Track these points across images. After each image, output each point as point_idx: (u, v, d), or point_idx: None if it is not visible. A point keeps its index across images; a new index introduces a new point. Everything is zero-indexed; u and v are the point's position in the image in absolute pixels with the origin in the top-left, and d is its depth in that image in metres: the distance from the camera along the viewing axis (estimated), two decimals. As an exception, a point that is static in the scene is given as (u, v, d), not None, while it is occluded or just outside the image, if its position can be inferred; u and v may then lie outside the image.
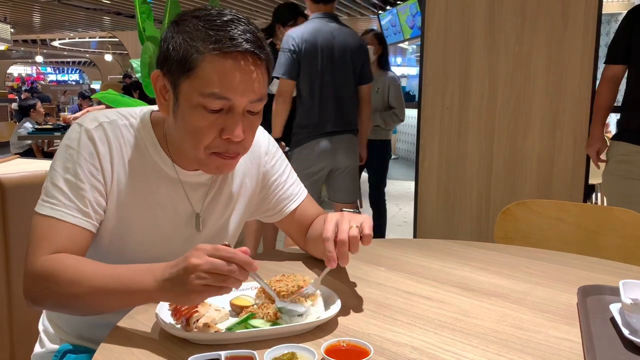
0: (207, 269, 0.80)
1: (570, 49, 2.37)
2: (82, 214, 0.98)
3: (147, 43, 2.80)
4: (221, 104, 0.95)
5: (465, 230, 2.63)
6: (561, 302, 1.03)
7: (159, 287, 0.85)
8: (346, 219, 0.98)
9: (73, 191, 0.98)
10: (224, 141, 0.98)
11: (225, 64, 0.93)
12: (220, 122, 0.97)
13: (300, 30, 2.89)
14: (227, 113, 0.97)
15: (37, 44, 18.61)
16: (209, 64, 0.93)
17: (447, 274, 1.18)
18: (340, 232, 0.95)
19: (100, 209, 1.01)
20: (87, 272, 0.90)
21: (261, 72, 0.97)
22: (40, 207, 0.98)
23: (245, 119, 0.98)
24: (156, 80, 1.01)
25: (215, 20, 0.94)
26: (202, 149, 0.99)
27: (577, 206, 1.67)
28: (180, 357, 0.81)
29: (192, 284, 0.81)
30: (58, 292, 0.91)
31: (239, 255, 0.81)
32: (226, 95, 0.94)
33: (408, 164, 9.60)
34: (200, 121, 0.96)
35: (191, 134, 0.98)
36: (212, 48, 0.93)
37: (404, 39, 9.66)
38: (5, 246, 1.29)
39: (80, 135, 1.01)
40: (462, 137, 2.59)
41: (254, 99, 0.97)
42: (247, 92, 0.96)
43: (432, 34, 2.60)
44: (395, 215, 5.68)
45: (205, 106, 0.95)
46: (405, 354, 0.83)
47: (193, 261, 0.80)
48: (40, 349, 1.16)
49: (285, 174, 1.26)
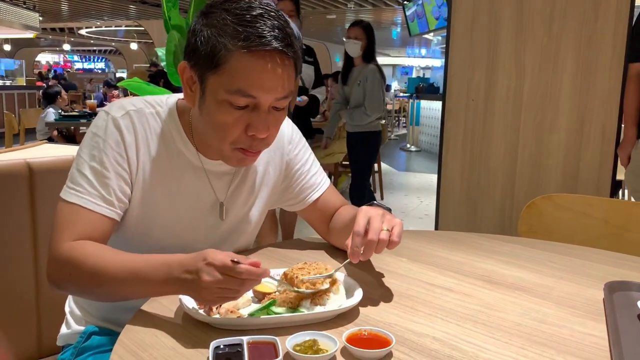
0: (219, 286, 0.81)
1: (601, 40, 2.32)
2: (105, 202, 0.99)
3: (173, 32, 2.82)
4: (247, 101, 0.96)
5: (488, 224, 2.60)
6: (586, 298, 1.02)
7: (173, 284, 0.86)
8: (380, 217, 0.98)
9: (98, 179, 0.99)
10: (248, 137, 0.99)
11: (253, 62, 0.93)
12: (246, 119, 0.97)
13: None
14: (253, 110, 0.97)
15: (64, 32, 18.88)
16: (236, 61, 0.93)
17: (470, 267, 1.17)
18: (372, 231, 0.95)
19: (125, 197, 1.03)
20: (106, 262, 0.92)
21: (289, 70, 0.97)
22: (65, 194, 0.99)
23: (271, 115, 0.99)
24: (183, 71, 1.01)
25: (245, 15, 0.93)
26: (227, 144, 1.00)
27: (604, 201, 1.64)
28: (203, 341, 0.82)
29: (203, 296, 0.84)
30: (79, 280, 0.94)
31: (249, 271, 0.81)
32: (252, 94, 0.95)
33: (430, 156, 9.53)
34: (226, 117, 0.97)
35: (216, 129, 0.99)
36: (240, 46, 0.92)
37: (429, 30, 9.55)
38: (34, 229, 1.32)
39: (107, 123, 1.02)
40: (487, 129, 2.56)
41: (279, 96, 0.97)
42: (273, 91, 0.96)
43: (458, 24, 2.56)
44: (416, 207, 5.65)
45: (231, 102, 0.95)
46: (426, 344, 0.82)
47: (205, 278, 0.81)
48: (66, 330, 1.19)
49: (308, 163, 1.26)
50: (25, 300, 1.33)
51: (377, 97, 3.98)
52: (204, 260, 0.82)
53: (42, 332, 1.37)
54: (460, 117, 2.60)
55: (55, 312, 1.29)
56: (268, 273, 0.84)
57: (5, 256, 1.29)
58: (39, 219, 1.32)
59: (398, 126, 15.90)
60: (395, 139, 12.79)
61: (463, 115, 2.59)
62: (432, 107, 9.88)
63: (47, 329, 1.36)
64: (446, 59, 2.63)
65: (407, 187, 6.88)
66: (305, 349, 0.76)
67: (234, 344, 0.78)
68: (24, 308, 1.34)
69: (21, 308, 1.33)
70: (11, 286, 1.31)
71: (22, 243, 1.31)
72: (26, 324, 1.35)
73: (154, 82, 5.43)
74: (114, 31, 18.70)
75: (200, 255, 0.83)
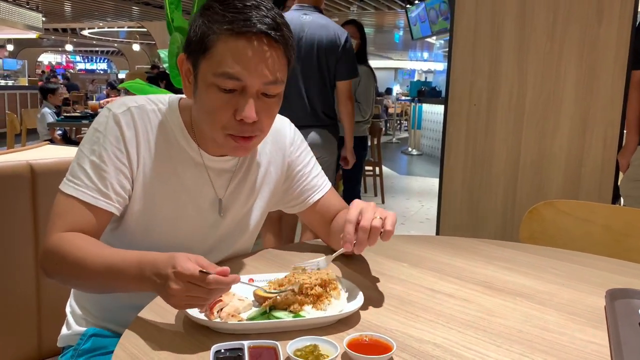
0: (186, 294, 0.81)
1: (604, 46, 2.32)
2: (102, 195, 1.01)
3: (175, 33, 2.82)
4: (233, 84, 0.96)
5: (490, 230, 2.59)
6: (588, 305, 1.01)
7: (145, 282, 0.86)
8: (372, 208, 0.98)
9: (96, 173, 1.01)
10: (238, 122, 0.99)
11: (237, 44, 0.95)
12: (234, 103, 0.98)
13: None
14: (241, 94, 0.98)
15: (67, 32, 18.92)
16: (222, 43, 0.95)
17: (471, 272, 1.17)
18: (364, 219, 0.95)
19: (124, 192, 1.04)
20: (88, 255, 0.93)
21: (276, 55, 0.97)
22: (64, 186, 1.02)
23: (260, 101, 0.99)
24: (182, 63, 1.04)
25: (236, 4, 0.96)
26: (218, 130, 1.01)
27: (606, 208, 1.64)
28: (204, 345, 0.81)
29: (171, 302, 0.83)
30: (64, 271, 0.97)
31: (217, 281, 0.80)
32: (238, 76, 0.96)
33: (432, 160, 9.53)
34: (214, 100, 0.98)
35: (207, 113, 1.01)
36: (226, 29, 0.95)
37: (431, 33, 9.56)
38: (35, 230, 1.32)
39: (108, 119, 1.04)
40: (489, 134, 2.56)
41: (266, 80, 0.97)
42: (258, 74, 0.96)
43: (461, 28, 2.57)
44: (417, 212, 5.65)
45: (218, 86, 0.97)
46: (427, 350, 0.82)
47: (172, 287, 0.81)
48: (67, 331, 1.18)
49: (309, 165, 1.27)
50: (26, 301, 1.33)
51: (370, 98, 3.96)
52: (172, 267, 0.81)
53: (43, 333, 1.37)
54: (462, 122, 2.60)
55: (56, 313, 1.29)
56: (237, 280, 0.83)
57: (7, 257, 1.29)
58: (40, 220, 1.32)
59: (400, 130, 15.91)
60: (396, 143, 12.79)
61: (465, 120, 2.59)
62: (434, 111, 9.88)
63: (48, 330, 1.36)
64: (449, 64, 2.63)
65: (408, 190, 6.88)
66: (306, 354, 0.76)
67: (235, 348, 0.77)
68: (24, 309, 1.33)
69: (22, 309, 1.33)
70: (12, 287, 1.31)
71: (24, 244, 1.31)
72: (27, 325, 1.34)
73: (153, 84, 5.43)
74: (117, 32, 18.74)
75: (171, 261, 0.82)
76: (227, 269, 0.82)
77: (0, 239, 1.27)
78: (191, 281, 0.80)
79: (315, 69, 2.90)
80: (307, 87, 2.91)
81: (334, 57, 2.92)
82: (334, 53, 2.91)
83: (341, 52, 2.93)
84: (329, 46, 2.89)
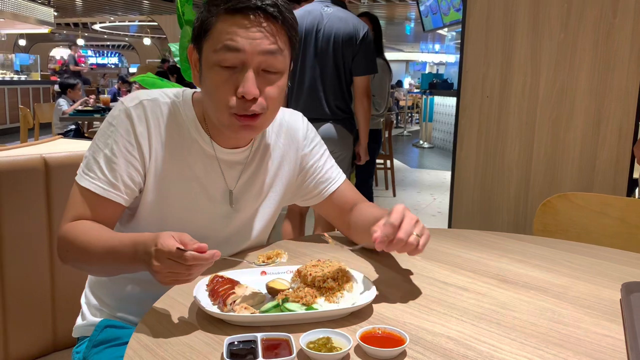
0: (168, 271, 0.83)
1: (619, 37, 2.28)
2: (111, 186, 1.04)
3: (186, 27, 2.82)
4: (233, 58, 0.97)
5: (503, 223, 2.58)
6: (603, 298, 1.00)
7: (139, 263, 0.88)
8: (414, 220, 0.97)
9: (107, 165, 1.04)
10: (241, 100, 0.99)
11: (234, 18, 0.97)
12: (235, 79, 0.99)
13: None
14: (241, 70, 0.99)
15: (78, 27, 19.01)
16: (220, 22, 0.98)
17: (485, 265, 1.17)
18: (403, 230, 0.94)
19: (133, 184, 1.06)
20: (91, 239, 0.97)
21: (274, 28, 0.99)
22: (78, 177, 1.06)
23: (262, 77, 1.00)
24: (191, 53, 1.06)
25: None
26: (223, 110, 1.01)
27: (621, 200, 1.62)
28: (216, 337, 0.82)
29: (157, 278, 0.86)
30: (73, 256, 1.01)
31: (194, 257, 0.82)
32: (234, 46, 0.97)
33: (444, 153, 9.48)
34: (216, 79, 1.00)
35: (211, 95, 1.02)
36: (222, 8, 0.98)
37: (443, 25, 9.48)
38: (49, 223, 1.33)
39: (120, 112, 1.07)
40: (501, 126, 2.53)
41: (265, 48, 0.98)
42: (256, 44, 0.97)
43: (473, 19, 2.54)
44: (429, 205, 5.63)
45: (219, 64, 0.98)
46: (440, 343, 0.82)
47: (154, 264, 0.84)
48: (82, 322, 1.20)
49: (323, 158, 1.27)
50: (41, 292, 1.35)
51: (385, 92, 3.93)
52: (155, 245, 0.84)
53: (58, 324, 1.38)
54: (475, 114, 2.58)
55: (71, 304, 1.31)
56: (218, 256, 0.84)
57: (22, 249, 1.30)
58: (54, 213, 1.33)
59: (411, 122, 15.83)
60: (408, 136, 12.74)
61: (477, 112, 2.57)
62: (445, 104, 9.82)
63: (63, 322, 1.37)
64: (461, 55, 2.61)
65: (419, 184, 6.86)
66: (319, 347, 0.76)
67: (248, 340, 0.78)
68: (39, 301, 1.35)
69: (37, 301, 1.35)
70: (27, 279, 1.32)
71: (39, 236, 1.33)
72: (42, 316, 1.36)
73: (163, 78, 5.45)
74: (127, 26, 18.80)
75: (154, 239, 0.85)
76: (205, 245, 0.83)
77: (16, 232, 1.28)
78: (170, 257, 0.82)
79: (330, 61, 2.89)
80: (322, 80, 2.90)
81: (351, 51, 2.89)
82: (351, 47, 2.89)
83: (358, 47, 2.90)
84: (346, 39, 2.87)
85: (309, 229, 3.88)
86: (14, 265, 1.29)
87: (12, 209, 1.27)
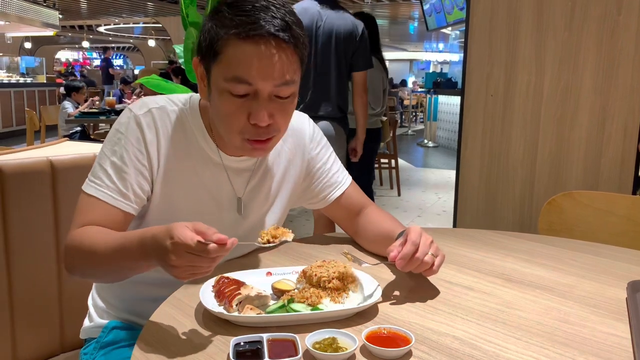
0: (188, 264, 0.81)
1: (623, 35, 2.27)
2: (122, 196, 1.02)
3: (190, 29, 2.83)
4: (244, 89, 0.96)
5: (508, 222, 2.57)
6: (609, 297, 1.00)
7: (150, 259, 0.86)
8: (429, 241, 1.00)
9: (117, 174, 1.02)
10: (253, 126, 0.99)
11: (246, 48, 0.94)
12: (247, 107, 0.97)
13: None
14: (253, 98, 0.97)
15: (83, 29, 19.08)
16: (231, 49, 0.95)
17: (489, 265, 1.17)
18: (420, 251, 0.97)
19: (143, 193, 1.05)
20: (98, 242, 0.94)
21: (286, 56, 0.96)
22: (86, 186, 1.03)
23: (274, 102, 0.98)
24: (197, 67, 1.03)
25: (244, 6, 0.95)
26: (235, 134, 1.00)
27: (626, 198, 1.61)
28: (223, 338, 0.82)
29: (174, 274, 0.83)
30: (81, 262, 0.98)
31: (217, 250, 0.80)
32: (247, 80, 0.95)
33: (448, 152, 9.46)
34: (228, 106, 0.98)
35: (222, 119, 1.01)
36: (233, 33, 0.94)
37: (446, 24, 9.47)
38: (56, 225, 1.34)
39: (129, 120, 1.05)
40: (506, 125, 2.53)
41: (277, 83, 0.96)
42: (268, 77, 0.95)
43: (477, 18, 2.54)
44: (434, 204, 5.62)
45: (230, 91, 0.96)
46: (446, 343, 0.82)
47: (173, 259, 0.80)
48: (89, 324, 1.21)
49: (329, 161, 1.27)
50: (48, 294, 1.36)
51: (379, 91, 3.88)
52: (170, 238, 0.80)
53: (65, 326, 1.39)
54: (479, 113, 2.58)
55: (78, 306, 1.31)
56: (236, 242, 0.82)
57: (29, 251, 1.31)
58: (61, 215, 1.34)
59: (415, 122, 15.81)
60: (412, 135, 12.72)
61: (482, 111, 2.57)
62: (449, 102, 9.80)
63: (70, 323, 1.38)
64: (465, 54, 2.60)
65: (424, 183, 6.85)
66: (324, 347, 0.77)
67: (254, 341, 0.78)
68: (47, 302, 1.36)
69: (44, 302, 1.36)
70: (35, 281, 1.33)
71: (46, 239, 1.34)
72: (49, 318, 1.37)
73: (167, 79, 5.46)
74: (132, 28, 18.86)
75: (168, 232, 0.81)
76: (225, 237, 0.81)
77: (23, 234, 1.29)
78: (190, 251, 0.79)
79: (332, 59, 2.89)
80: (323, 78, 2.90)
81: (352, 48, 2.91)
82: (352, 43, 2.90)
83: (358, 43, 2.92)
84: (347, 36, 2.88)
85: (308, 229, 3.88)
86: (21, 267, 1.29)
87: (19, 211, 1.28)
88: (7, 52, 14.47)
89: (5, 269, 1.27)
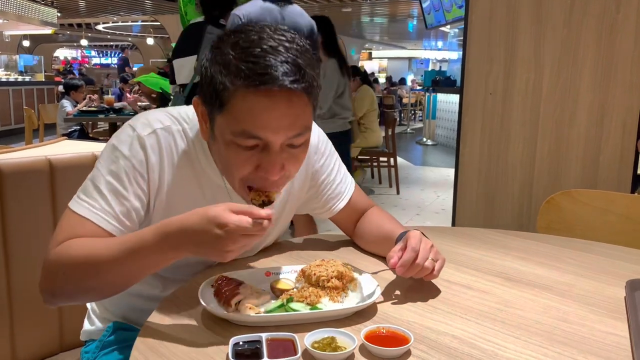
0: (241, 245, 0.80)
1: (622, 32, 2.27)
2: (117, 221, 0.94)
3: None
4: (254, 142, 0.89)
5: (506, 220, 2.57)
6: (607, 296, 1.00)
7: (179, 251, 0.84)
8: (429, 246, 1.00)
9: (114, 196, 0.94)
10: (260, 176, 0.92)
11: (255, 101, 0.86)
12: (256, 159, 0.91)
13: (246, 9, 2.68)
14: (263, 150, 0.90)
15: (82, 27, 19.05)
16: (239, 101, 0.87)
17: (488, 263, 1.17)
18: (420, 257, 0.97)
19: (137, 219, 0.98)
20: (100, 248, 0.87)
21: (299, 106, 0.89)
22: (76, 205, 0.94)
23: (286, 152, 0.92)
24: (197, 106, 0.97)
25: (251, 49, 0.86)
26: (238, 181, 0.95)
27: (625, 197, 1.62)
28: (222, 337, 0.82)
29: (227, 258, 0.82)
30: (74, 276, 0.89)
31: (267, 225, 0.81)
32: (258, 135, 0.88)
33: (447, 150, 9.47)
34: (235, 157, 0.91)
35: (227, 166, 0.95)
36: (242, 84, 0.86)
37: (445, 22, 9.46)
38: (54, 223, 1.33)
39: (132, 140, 0.98)
40: (505, 123, 2.53)
41: (290, 135, 0.90)
42: (281, 130, 0.88)
43: (476, 16, 2.54)
44: (433, 202, 5.62)
45: (237, 144, 0.90)
46: (445, 342, 0.82)
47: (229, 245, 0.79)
48: (89, 326, 1.20)
49: (334, 171, 1.23)
50: (47, 294, 1.35)
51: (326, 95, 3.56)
52: (219, 226, 0.78)
53: (64, 324, 1.39)
54: (478, 111, 2.58)
55: (77, 305, 1.31)
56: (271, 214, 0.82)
57: (27, 251, 1.31)
58: (59, 214, 1.33)
59: (414, 120, 15.80)
60: (411, 133, 12.72)
61: (481, 109, 2.57)
62: (448, 101, 9.80)
63: (69, 322, 1.38)
64: (464, 52, 2.60)
65: (423, 181, 6.85)
66: (323, 346, 0.77)
67: (253, 340, 0.78)
68: (46, 302, 1.36)
69: (43, 302, 1.35)
70: (33, 281, 1.33)
71: (44, 238, 1.32)
72: (48, 316, 1.37)
73: (165, 78, 5.46)
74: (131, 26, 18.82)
75: (212, 220, 0.79)
76: (267, 209, 0.82)
77: (21, 233, 1.29)
78: (247, 233, 0.79)
79: None
80: None
81: (313, 43, 2.91)
82: (312, 39, 2.91)
83: (316, 39, 2.97)
84: (309, 32, 2.87)
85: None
86: (19, 266, 1.29)
87: (18, 210, 1.28)
88: (6, 50, 14.44)
89: (4, 268, 1.27)
